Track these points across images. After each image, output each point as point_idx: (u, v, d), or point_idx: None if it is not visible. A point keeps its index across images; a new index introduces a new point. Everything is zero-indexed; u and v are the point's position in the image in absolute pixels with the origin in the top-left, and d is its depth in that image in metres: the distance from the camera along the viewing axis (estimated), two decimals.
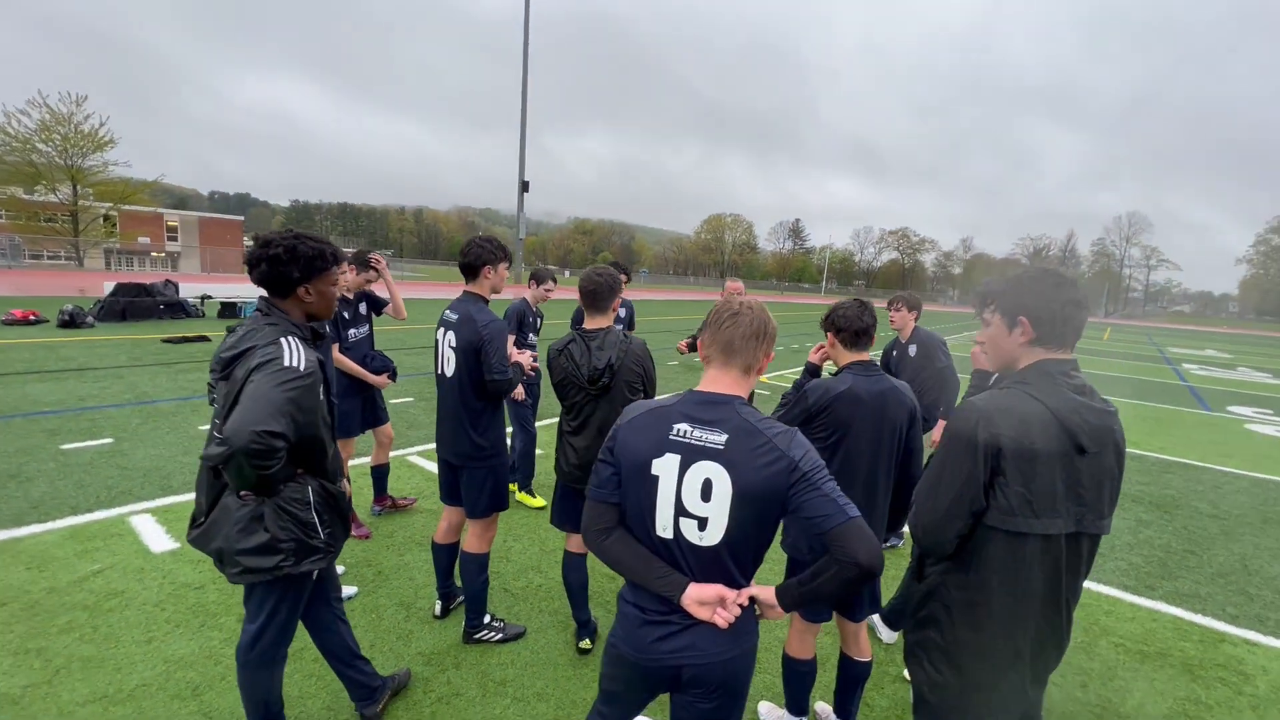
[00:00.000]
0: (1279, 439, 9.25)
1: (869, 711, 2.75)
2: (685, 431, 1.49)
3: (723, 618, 1.47)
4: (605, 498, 1.58)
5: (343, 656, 2.38)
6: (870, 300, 2.45)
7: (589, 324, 2.77)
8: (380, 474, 4.37)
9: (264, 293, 2.00)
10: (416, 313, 10.02)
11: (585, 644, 2.97)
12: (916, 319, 4.33)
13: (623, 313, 5.21)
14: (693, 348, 4.94)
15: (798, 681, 2.50)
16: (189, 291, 16.57)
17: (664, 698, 1.66)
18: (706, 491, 1.45)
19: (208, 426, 2.34)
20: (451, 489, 3.05)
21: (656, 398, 1.64)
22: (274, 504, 1.89)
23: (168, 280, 16.43)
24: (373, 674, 2.46)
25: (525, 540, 4.19)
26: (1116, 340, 33.40)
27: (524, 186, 41.54)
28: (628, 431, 1.56)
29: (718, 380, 1.56)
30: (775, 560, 2.74)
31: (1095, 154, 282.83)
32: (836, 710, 2.55)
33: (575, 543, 2.95)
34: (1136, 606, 3.84)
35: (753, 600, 1.51)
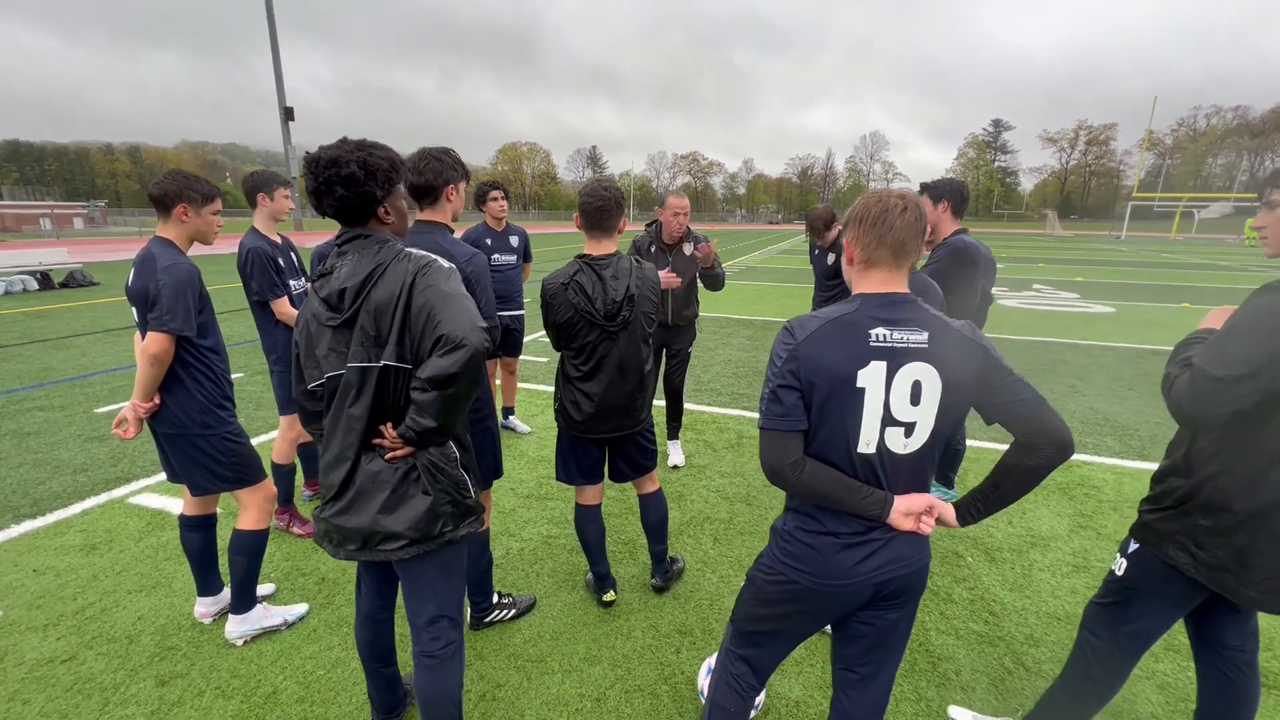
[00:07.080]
0: (1018, 308, 11.80)
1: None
2: (884, 335, 1.35)
3: (928, 525, 1.42)
4: (794, 425, 1.39)
5: (388, 658, 2.07)
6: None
7: (593, 249, 2.39)
8: (311, 452, 3.57)
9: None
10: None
11: (609, 596, 2.77)
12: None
13: (515, 240, 4.71)
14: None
15: None
16: None
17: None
18: (916, 394, 1.35)
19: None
20: None
21: (823, 308, 1.45)
22: (425, 462, 1.66)
23: None
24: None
25: None
26: None
27: (288, 114, 34.97)
28: (812, 347, 1.37)
29: (890, 281, 1.43)
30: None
31: (798, 80, 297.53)
32: None
33: (588, 495, 2.68)
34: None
35: None
